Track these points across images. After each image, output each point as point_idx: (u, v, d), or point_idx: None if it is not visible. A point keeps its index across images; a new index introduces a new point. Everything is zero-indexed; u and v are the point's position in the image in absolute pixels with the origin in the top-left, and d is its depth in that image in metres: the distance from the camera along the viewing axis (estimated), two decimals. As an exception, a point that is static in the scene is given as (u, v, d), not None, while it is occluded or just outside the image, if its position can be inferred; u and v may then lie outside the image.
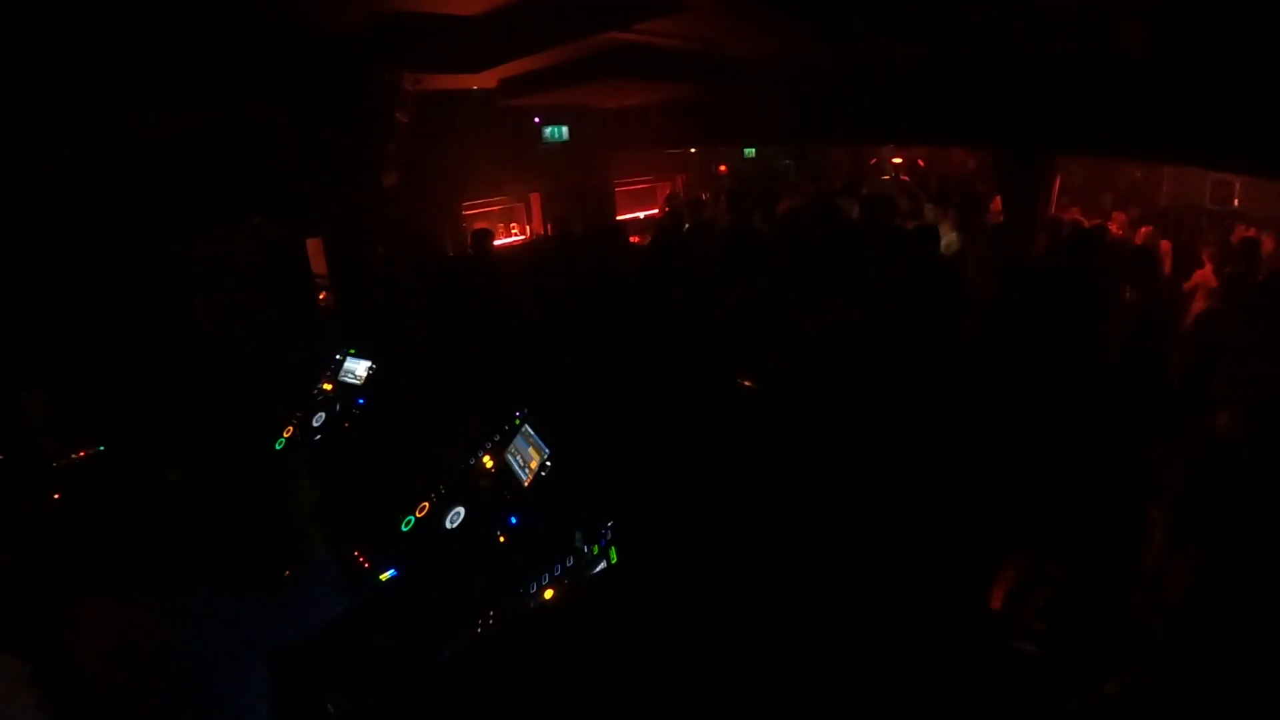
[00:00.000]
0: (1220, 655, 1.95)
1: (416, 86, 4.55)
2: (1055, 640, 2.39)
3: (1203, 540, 2.64)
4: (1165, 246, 6.21)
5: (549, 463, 2.07)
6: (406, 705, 1.89)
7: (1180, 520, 2.77)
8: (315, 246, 6.17)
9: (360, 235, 5.21)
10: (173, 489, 3.17)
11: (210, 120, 4.59)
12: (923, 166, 9.74)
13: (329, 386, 3.15)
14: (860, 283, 4.18)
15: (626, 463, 2.15)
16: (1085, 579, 2.74)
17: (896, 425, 3.20)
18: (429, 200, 6.56)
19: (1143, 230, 6.78)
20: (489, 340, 4.67)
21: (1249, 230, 6.15)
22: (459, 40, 4.25)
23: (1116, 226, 6.99)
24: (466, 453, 2.42)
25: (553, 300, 4.37)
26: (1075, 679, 2.22)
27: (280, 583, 2.70)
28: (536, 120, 7.12)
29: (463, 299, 4.53)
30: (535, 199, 7.95)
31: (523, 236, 7.92)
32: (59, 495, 3.37)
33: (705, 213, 6.99)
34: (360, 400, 3.04)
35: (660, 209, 8.49)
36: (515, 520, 2.00)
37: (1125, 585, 2.75)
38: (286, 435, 3.02)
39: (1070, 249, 4.30)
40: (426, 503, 2.29)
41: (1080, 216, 7.24)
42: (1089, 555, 2.77)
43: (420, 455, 2.74)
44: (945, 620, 2.46)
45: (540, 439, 2.17)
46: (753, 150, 9.91)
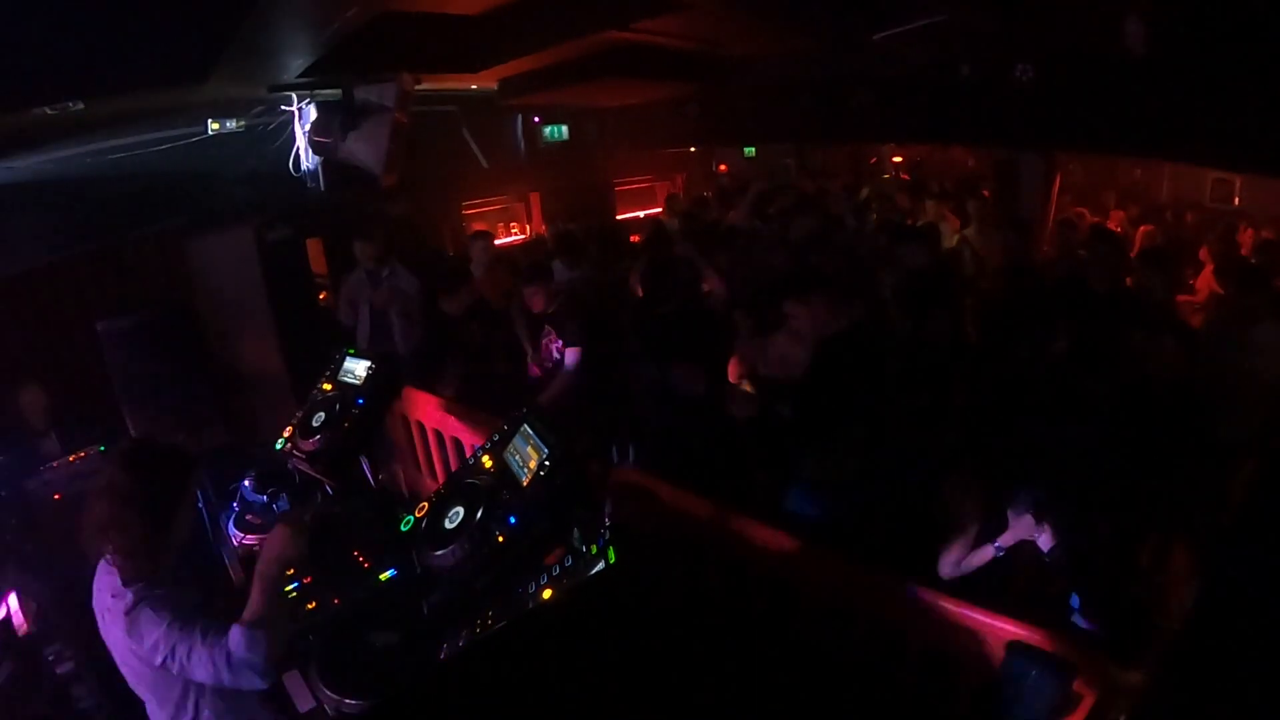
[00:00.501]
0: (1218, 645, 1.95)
1: (416, 86, 4.55)
2: (1068, 638, 2.39)
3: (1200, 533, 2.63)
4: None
5: (548, 462, 2.07)
6: (406, 705, 1.89)
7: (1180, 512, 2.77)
8: (315, 246, 6.18)
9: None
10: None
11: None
12: (923, 165, 9.74)
13: (328, 387, 3.15)
14: (858, 282, 4.19)
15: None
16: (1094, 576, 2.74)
17: (896, 424, 3.20)
18: (428, 200, 6.57)
19: (1143, 229, 6.79)
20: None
21: (1247, 229, 6.15)
22: (459, 40, 4.25)
23: (1117, 225, 6.99)
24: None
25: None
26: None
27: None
28: (536, 120, 7.11)
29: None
30: (535, 199, 7.95)
31: (523, 236, 7.92)
32: (59, 497, 3.38)
33: (710, 213, 7.00)
34: (360, 400, 3.04)
35: (664, 209, 8.48)
36: (514, 520, 2.00)
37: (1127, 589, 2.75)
38: (286, 436, 3.02)
39: (1095, 251, 4.31)
40: (426, 503, 2.29)
41: (1087, 214, 7.26)
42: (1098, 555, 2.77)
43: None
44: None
45: (539, 439, 2.17)
46: (753, 150, 9.91)
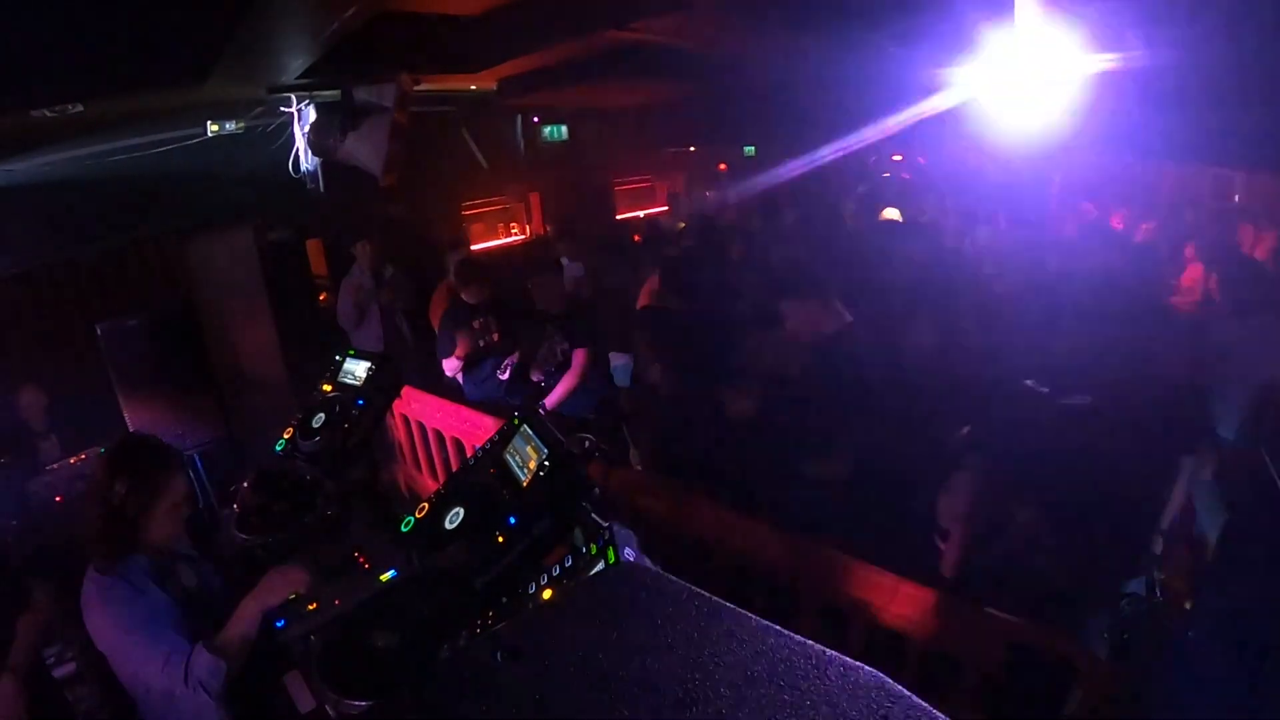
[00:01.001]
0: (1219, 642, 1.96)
1: (416, 87, 4.55)
2: (1067, 638, 2.40)
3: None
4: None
5: (548, 462, 2.07)
6: (406, 705, 1.89)
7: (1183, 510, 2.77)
8: (315, 246, 6.18)
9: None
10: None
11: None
12: (923, 164, 9.74)
13: (328, 387, 3.15)
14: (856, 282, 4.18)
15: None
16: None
17: (897, 424, 3.20)
18: (428, 200, 6.57)
19: (1143, 227, 6.78)
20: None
21: (1246, 227, 6.14)
22: (458, 40, 4.25)
23: (1118, 222, 6.99)
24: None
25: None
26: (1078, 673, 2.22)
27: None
28: (536, 120, 7.12)
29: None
30: (535, 199, 7.95)
31: (523, 236, 7.92)
32: (60, 498, 3.38)
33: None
34: (360, 400, 3.04)
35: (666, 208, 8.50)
36: (514, 520, 2.00)
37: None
38: (286, 436, 3.02)
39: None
40: (425, 503, 2.29)
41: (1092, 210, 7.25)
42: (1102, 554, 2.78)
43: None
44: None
45: (539, 439, 2.17)
46: (753, 150, 9.91)
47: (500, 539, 1.99)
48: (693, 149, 9.44)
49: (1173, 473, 3.03)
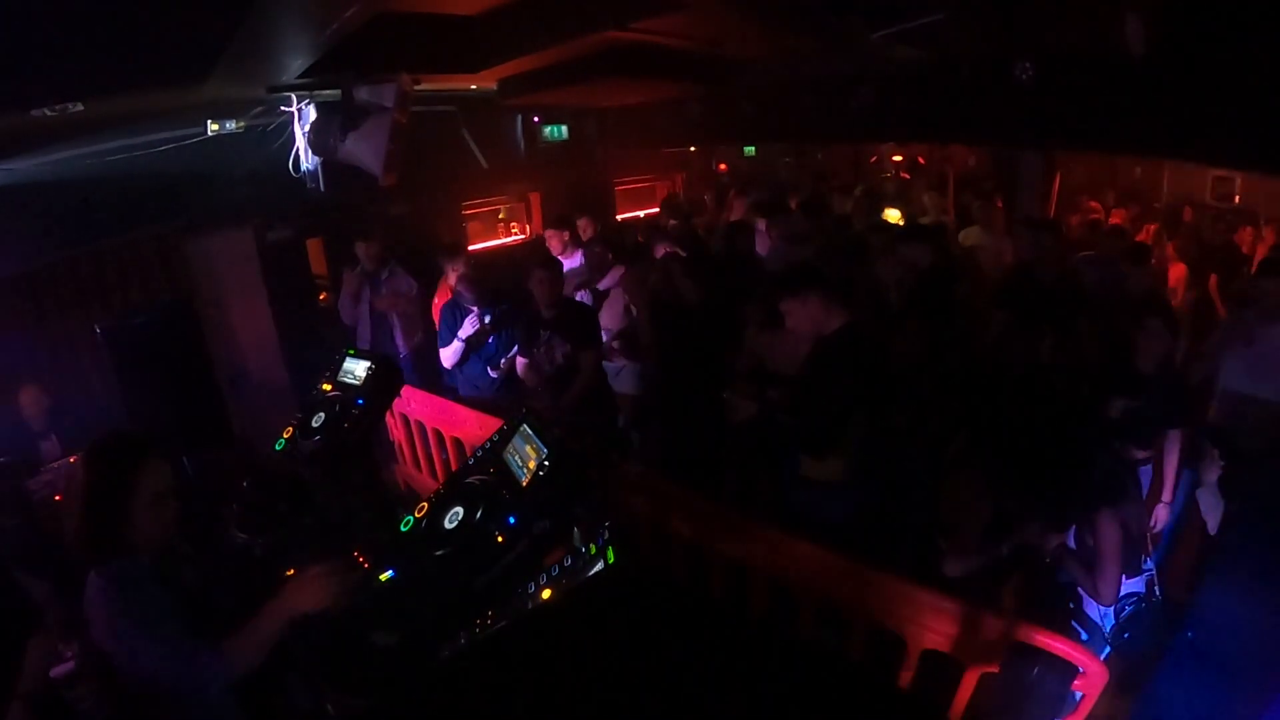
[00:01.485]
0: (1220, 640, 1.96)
1: (416, 87, 4.55)
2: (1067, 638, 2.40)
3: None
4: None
5: (547, 462, 2.07)
6: (406, 705, 1.89)
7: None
8: (315, 246, 6.18)
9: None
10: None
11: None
12: (923, 164, 9.74)
13: (328, 387, 3.16)
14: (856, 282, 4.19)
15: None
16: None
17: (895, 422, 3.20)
18: (428, 200, 6.57)
19: (1148, 227, 6.79)
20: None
21: (1246, 227, 6.14)
22: (458, 40, 4.25)
23: (1120, 223, 6.99)
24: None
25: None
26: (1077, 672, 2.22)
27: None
28: (536, 120, 7.11)
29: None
30: (535, 199, 7.94)
31: (523, 236, 7.92)
32: (60, 497, 3.38)
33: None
34: (360, 400, 3.04)
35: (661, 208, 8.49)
36: (513, 520, 2.00)
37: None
38: (286, 436, 3.02)
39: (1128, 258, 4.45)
40: (425, 503, 2.30)
41: (1098, 209, 7.25)
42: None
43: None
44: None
45: (539, 439, 2.17)
46: (753, 150, 9.91)
47: (500, 539, 1.99)
48: (693, 149, 9.43)
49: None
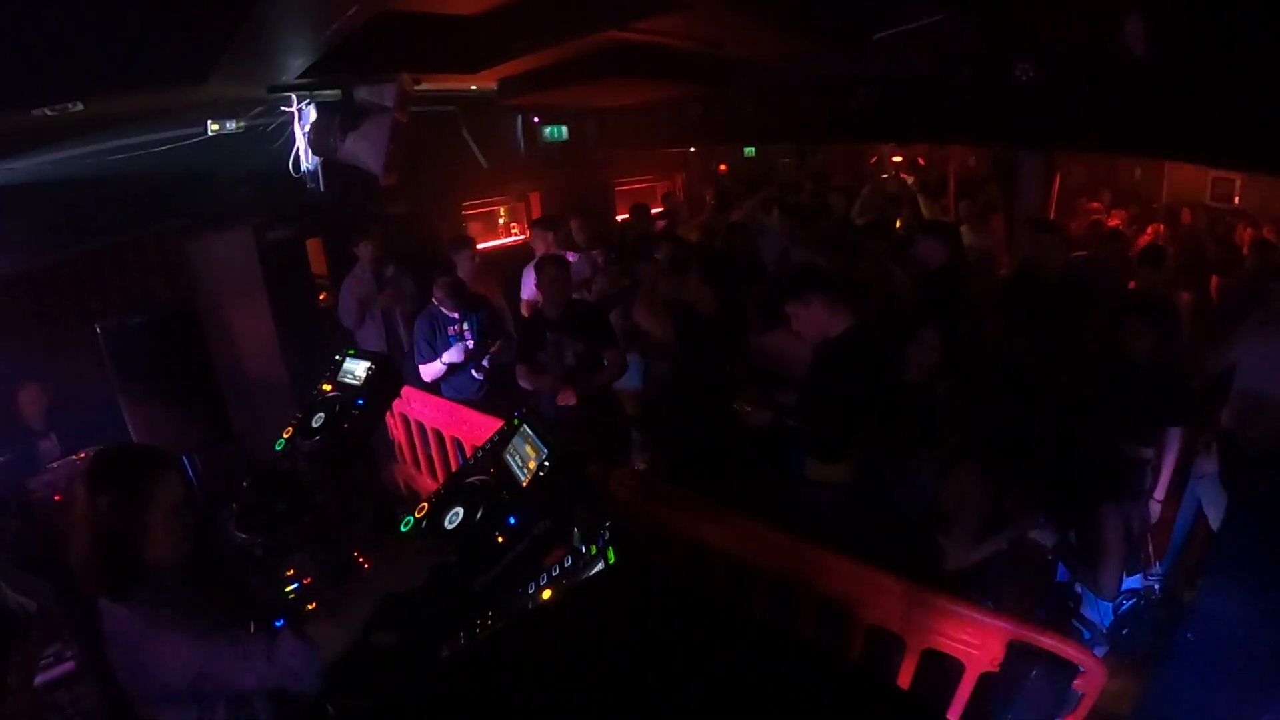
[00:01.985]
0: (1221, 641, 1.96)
1: (416, 87, 4.55)
2: (1067, 639, 2.40)
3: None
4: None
5: (547, 463, 2.07)
6: (406, 705, 1.89)
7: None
8: (315, 246, 6.18)
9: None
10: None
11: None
12: (923, 164, 9.74)
13: (328, 387, 3.15)
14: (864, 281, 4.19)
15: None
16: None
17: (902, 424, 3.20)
18: (428, 200, 6.56)
19: (1150, 228, 6.80)
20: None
21: (1248, 228, 6.15)
22: (458, 40, 4.25)
23: (1119, 224, 7.00)
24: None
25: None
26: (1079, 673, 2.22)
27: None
28: (536, 120, 7.11)
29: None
30: (535, 199, 7.95)
31: (523, 236, 7.93)
32: (60, 497, 3.38)
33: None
34: (360, 400, 3.04)
35: (662, 208, 8.51)
36: (514, 520, 2.00)
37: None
38: (286, 436, 3.02)
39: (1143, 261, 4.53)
40: (425, 503, 2.30)
41: (1098, 209, 7.26)
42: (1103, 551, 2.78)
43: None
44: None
45: (538, 439, 2.17)
46: (753, 150, 9.91)
47: (500, 539, 1.99)
48: (693, 149, 9.43)
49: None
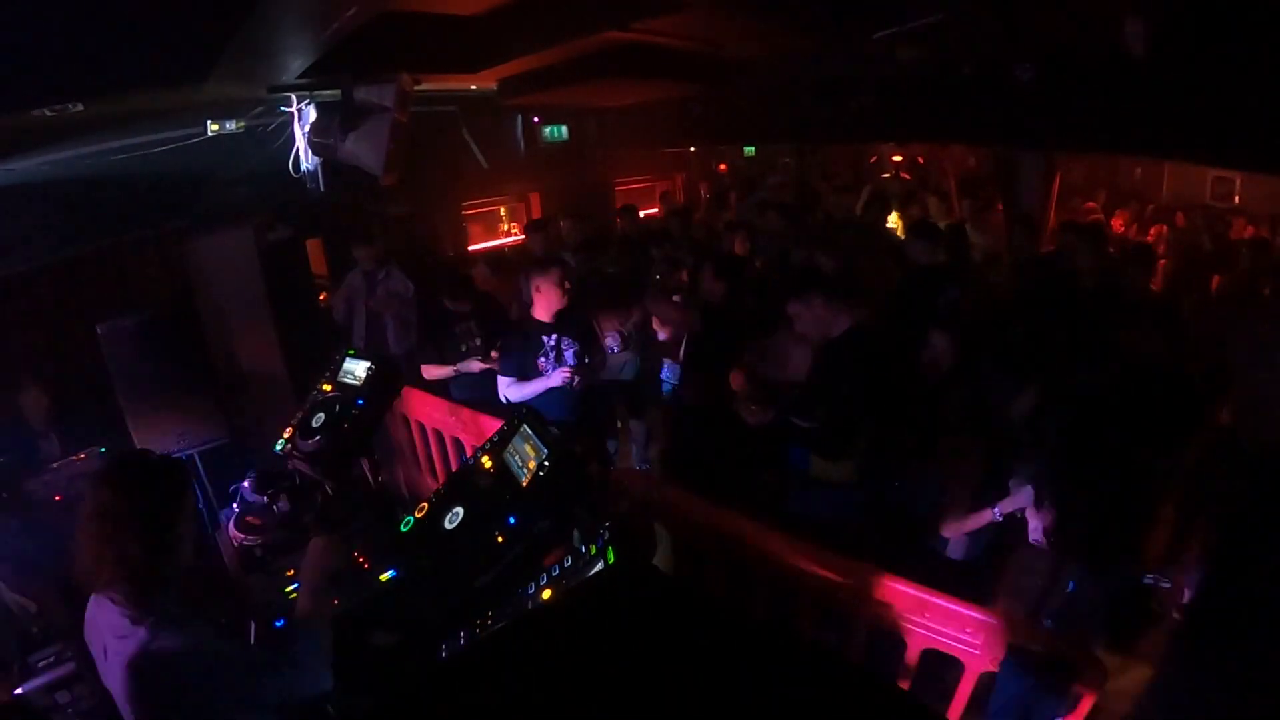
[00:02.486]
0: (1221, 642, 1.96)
1: (416, 87, 4.55)
2: (1067, 639, 2.40)
3: (1207, 531, 2.66)
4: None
5: (547, 463, 2.07)
6: (406, 705, 1.89)
7: (1187, 512, 2.80)
8: (315, 247, 6.18)
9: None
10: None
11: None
12: (923, 164, 9.74)
13: (328, 387, 3.15)
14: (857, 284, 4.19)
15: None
16: (1103, 576, 2.75)
17: (902, 423, 3.20)
18: (428, 200, 6.57)
19: (1154, 229, 6.80)
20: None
21: (1248, 227, 6.15)
22: (458, 40, 4.25)
23: (1119, 224, 7.00)
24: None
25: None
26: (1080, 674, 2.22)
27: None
28: (536, 120, 7.11)
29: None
30: (535, 199, 7.95)
31: (523, 237, 7.93)
32: (60, 497, 3.38)
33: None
34: (360, 400, 3.04)
35: (660, 209, 8.51)
36: (513, 520, 2.00)
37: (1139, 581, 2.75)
38: (286, 436, 3.02)
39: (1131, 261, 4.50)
40: (425, 503, 2.30)
41: (1094, 209, 7.26)
42: (1107, 553, 2.78)
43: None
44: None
45: (538, 439, 2.17)
46: (753, 150, 9.91)
47: (500, 539, 1.99)
48: (693, 149, 9.44)
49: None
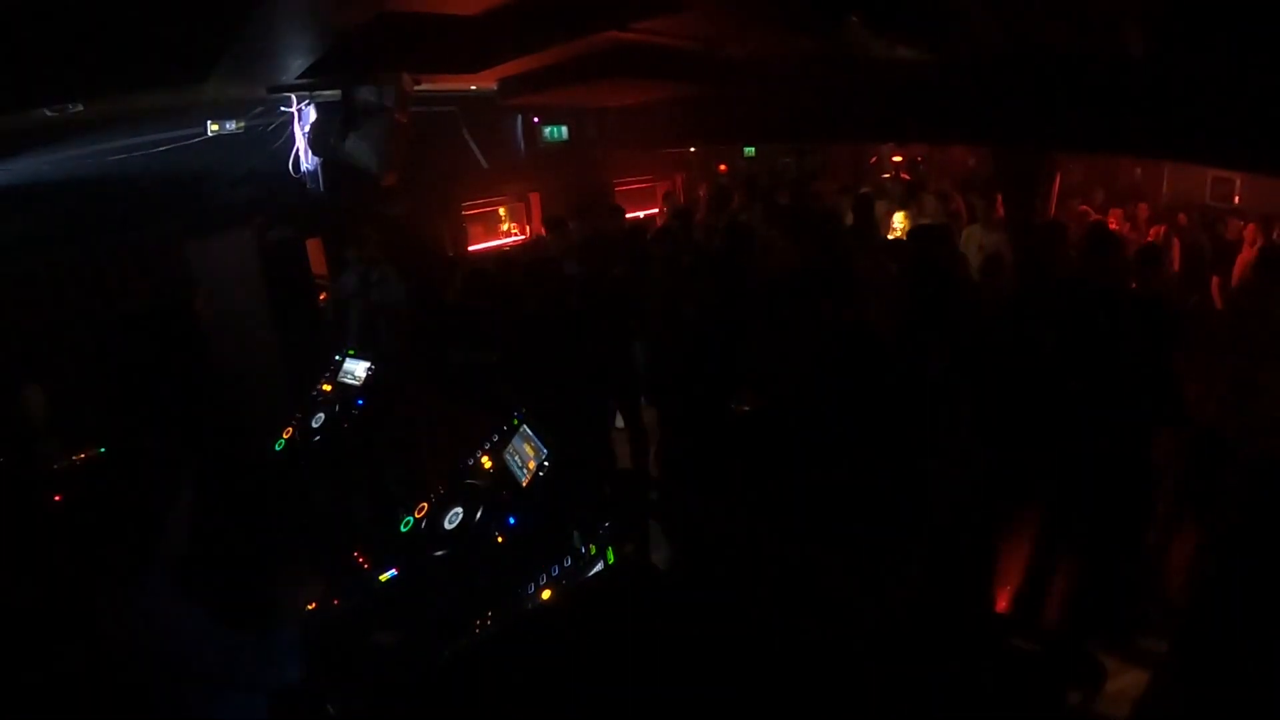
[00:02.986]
0: (1220, 644, 1.96)
1: (416, 87, 4.56)
2: (1062, 637, 2.40)
3: (1196, 526, 2.66)
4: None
5: (546, 463, 2.07)
6: (406, 705, 1.89)
7: (1176, 506, 2.80)
8: (315, 246, 6.18)
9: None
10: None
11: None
12: (923, 164, 9.74)
13: (328, 387, 3.16)
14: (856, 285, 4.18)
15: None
16: (1099, 575, 2.75)
17: (899, 423, 3.20)
18: (428, 200, 6.57)
19: (1154, 230, 6.79)
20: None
21: (1246, 226, 6.15)
22: (458, 40, 4.25)
23: (1115, 223, 6.99)
24: (465, 454, 2.43)
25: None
26: (1078, 675, 2.23)
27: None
28: (536, 120, 7.11)
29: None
30: (535, 199, 7.95)
31: (523, 236, 7.93)
32: (60, 498, 3.38)
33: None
34: (359, 401, 3.04)
35: (660, 209, 8.51)
36: (513, 521, 2.01)
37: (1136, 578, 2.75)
38: (286, 436, 3.03)
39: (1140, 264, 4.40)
40: (425, 503, 2.30)
41: (1094, 211, 7.25)
42: (1102, 552, 2.78)
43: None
44: (947, 619, 2.46)
45: (538, 439, 2.18)
46: (753, 150, 9.90)
47: (500, 539, 1.99)
48: (693, 149, 9.43)
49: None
